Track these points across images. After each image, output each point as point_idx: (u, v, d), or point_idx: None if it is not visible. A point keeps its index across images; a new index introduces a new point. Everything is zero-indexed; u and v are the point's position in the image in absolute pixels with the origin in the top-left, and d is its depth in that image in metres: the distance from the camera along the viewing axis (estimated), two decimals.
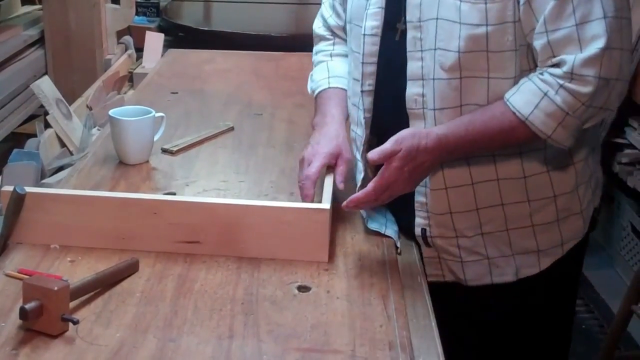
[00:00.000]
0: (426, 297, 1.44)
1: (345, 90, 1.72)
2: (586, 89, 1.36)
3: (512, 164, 1.50)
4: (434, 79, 1.46)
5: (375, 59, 1.56)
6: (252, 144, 2.06)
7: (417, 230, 1.57)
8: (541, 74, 1.40)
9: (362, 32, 1.56)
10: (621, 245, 3.46)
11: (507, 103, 1.42)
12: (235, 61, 2.85)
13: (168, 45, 3.64)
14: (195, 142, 2.03)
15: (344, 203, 1.48)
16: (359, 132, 1.63)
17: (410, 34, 1.49)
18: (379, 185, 1.45)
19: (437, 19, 1.44)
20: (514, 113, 1.41)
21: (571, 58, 1.35)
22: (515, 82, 1.42)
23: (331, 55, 1.82)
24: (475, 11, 1.40)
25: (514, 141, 1.45)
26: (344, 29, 1.75)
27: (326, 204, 1.51)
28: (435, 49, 1.45)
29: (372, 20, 1.55)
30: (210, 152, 2.00)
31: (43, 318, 1.22)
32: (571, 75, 1.36)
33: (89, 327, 1.26)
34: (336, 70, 1.77)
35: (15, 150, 2.40)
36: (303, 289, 1.40)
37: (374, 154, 1.43)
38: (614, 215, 3.49)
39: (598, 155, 1.65)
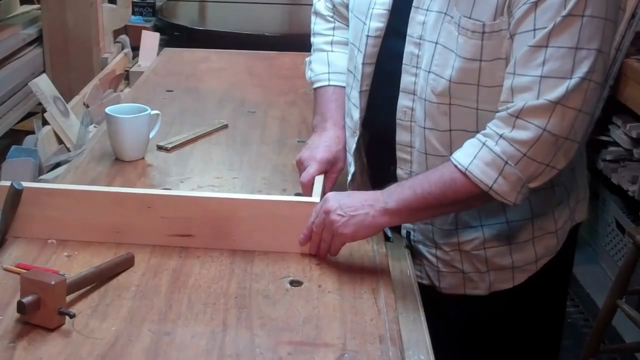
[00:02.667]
0: (415, 291, 1.46)
1: (345, 87, 1.69)
2: (526, 135, 1.33)
3: None
4: (425, 100, 1.45)
5: (374, 60, 1.55)
6: (246, 141, 2.08)
7: (403, 232, 1.60)
8: (484, 128, 1.38)
9: (366, 33, 1.53)
10: (606, 240, 3.49)
11: (451, 159, 1.40)
12: (230, 60, 2.86)
13: (164, 44, 3.65)
14: (190, 140, 2.05)
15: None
16: (350, 125, 1.63)
17: (408, 48, 1.47)
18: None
19: (436, 43, 1.42)
20: (456, 166, 1.38)
21: (521, 103, 1.32)
22: None
23: (331, 44, 1.77)
24: (470, 46, 1.37)
25: (453, 194, 1.40)
26: (347, 7, 1.69)
27: (316, 198, 1.53)
28: (429, 72, 1.43)
29: (377, 21, 1.52)
30: (204, 149, 2.02)
31: (40, 311, 1.23)
32: (515, 120, 1.33)
33: (85, 321, 1.27)
34: (336, 65, 1.73)
35: (13, 147, 2.41)
36: (295, 283, 1.41)
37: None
38: (599, 212, 3.52)
39: (582, 172, 1.62)
